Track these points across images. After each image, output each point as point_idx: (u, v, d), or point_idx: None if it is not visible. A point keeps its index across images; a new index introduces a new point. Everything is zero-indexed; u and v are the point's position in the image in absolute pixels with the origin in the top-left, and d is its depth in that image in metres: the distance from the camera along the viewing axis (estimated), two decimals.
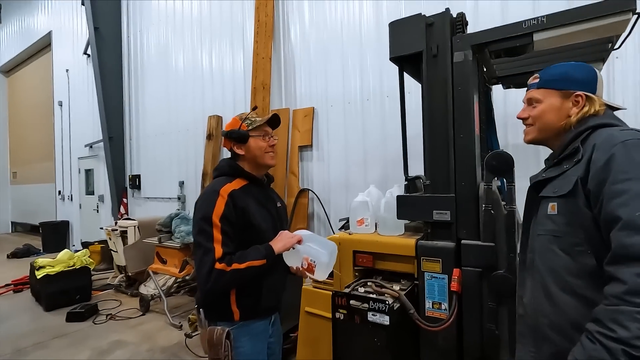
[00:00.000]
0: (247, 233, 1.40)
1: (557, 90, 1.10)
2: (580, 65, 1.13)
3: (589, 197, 0.92)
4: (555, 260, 0.99)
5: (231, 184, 1.43)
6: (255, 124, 1.48)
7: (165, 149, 5.82)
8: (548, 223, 1.02)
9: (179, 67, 5.61)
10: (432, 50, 1.74)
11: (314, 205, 4.00)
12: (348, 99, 3.74)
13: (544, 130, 1.13)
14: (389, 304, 1.58)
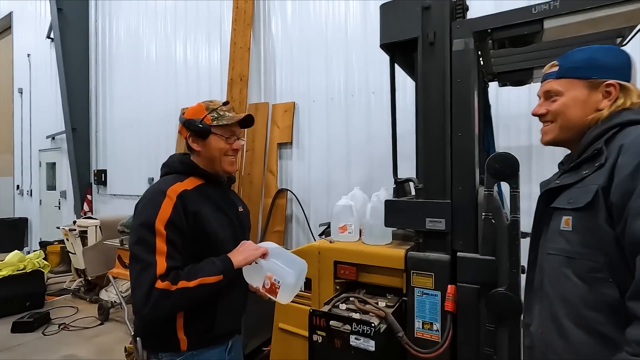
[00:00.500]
0: (200, 243, 1.17)
1: (582, 79, 0.91)
2: (609, 48, 0.94)
3: (611, 211, 0.76)
4: (569, 287, 0.82)
5: (182, 184, 1.20)
6: (222, 121, 1.24)
7: (134, 142, 5.42)
8: (560, 240, 0.86)
9: (151, 56, 5.24)
10: (429, 36, 1.54)
11: (293, 207, 3.76)
12: (331, 94, 3.52)
13: (567, 128, 0.94)
14: (374, 327, 1.36)
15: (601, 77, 0.89)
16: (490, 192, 1.40)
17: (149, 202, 1.15)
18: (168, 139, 4.94)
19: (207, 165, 1.27)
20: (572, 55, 0.96)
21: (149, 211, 1.12)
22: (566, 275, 0.82)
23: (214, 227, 1.20)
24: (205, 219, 1.18)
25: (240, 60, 3.82)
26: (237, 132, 1.30)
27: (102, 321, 3.64)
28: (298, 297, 1.89)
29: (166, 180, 1.22)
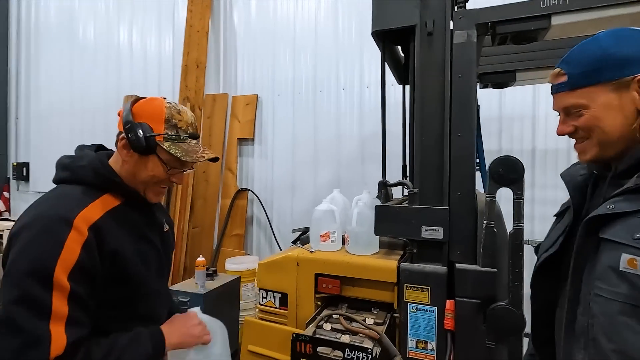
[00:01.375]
0: (118, 289, 0.87)
1: (604, 83, 0.74)
2: (617, 33, 0.76)
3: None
4: (634, 342, 0.67)
5: (94, 206, 0.86)
6: (177, 151, 0.92)
7: (65, 132, 4.71)
8: (621, 284, 0.69)
9: (88, 36, 4.57)
10: (427, 25, 1.39)
11: (254, 208, 3.47)
12: (299, 88, 3.30)
13: (608, 143, 0.77)
14: (371, 353, 1.18)
15: (627, 73, 0.72)
16: (493, 198, 1.29)
17: (42, 234, 0.78)
18: (108, 130, 4.34)
19: (128, 180, 0.95)
20: (579, 57, 0.78)
21: (44, 251, 0.76)
22: (630, 327, 0.67)
23: (137, 267, 0.91)
24: (126, 260, 0.88)
25: (197, 45, 3.44)
26: (188, 166, 0.99)
27: None
28: (271, 315, 1.66)
29: (70, 197, 0.86)
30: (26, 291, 0.74)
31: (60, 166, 0.96)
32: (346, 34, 3.11)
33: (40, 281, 0.75)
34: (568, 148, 2.49)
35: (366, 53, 3.04)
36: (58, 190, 0.90)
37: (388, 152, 2.97)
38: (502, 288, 1.29)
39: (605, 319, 0.70)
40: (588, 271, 0.77)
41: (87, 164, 0.92)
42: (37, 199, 0.90)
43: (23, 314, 0.73)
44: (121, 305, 0.91)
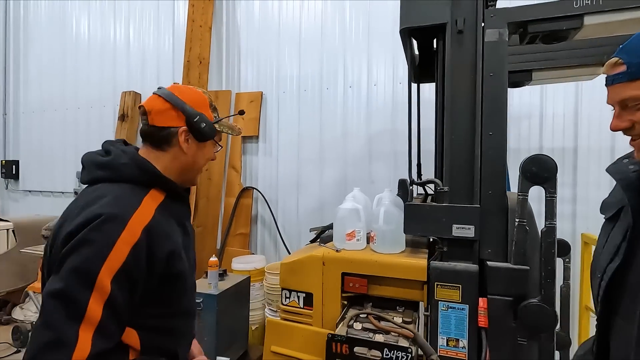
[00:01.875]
0: (164, 288, 0.84)
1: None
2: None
3: None
4: None
5: (145, 205, 0.84)
6: (223, 127, 1.02)
7: (57, 129, 4.56)
8: None
9: (81, 31, 4.42)
10: (458, 24, 1.39)
11: (259, 207, 3.43)
12: (304, 85, 3.27)
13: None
14: (410, 352, 1.18)
15: None
16: (525, 196, 1.30)
17: (95, 232, 0.75)
18: (104, 127, 4.24)
19: (178, 174, 0.96)
20: None
21: (93, 250, 0.74)
22: None
23: (184, 263, 0.89)
24: (179, 257, 0.87)
25: (199, 40, 3.37)
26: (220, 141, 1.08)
27: (19, 347, 2.95)
28: (295, 315, 1.64)
29: (121, 197, 0.82)
30: (67, 287, 0.72)
31: (96, 165, 0.90)
32: (353, 31, 3.10)
33: (83, 280, 0.72)
34: (575, 147, 2.54)
35: (373, 51, 3.04)
36: (105, 189, 0.85)
37: (395, 151, 3.00)
38: (534, 286, 1.30)
39: None
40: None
41: (129, 161, 0.88)
42: (82, 198, 0.86)
43: (57, 310, 0.70)
44: (168, 302, 0.88)
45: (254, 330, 2.82)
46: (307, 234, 3.19)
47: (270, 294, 2.71)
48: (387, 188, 1.80)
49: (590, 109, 2.49)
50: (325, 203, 3.19)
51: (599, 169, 2.45)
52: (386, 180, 2.91)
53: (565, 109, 2.55)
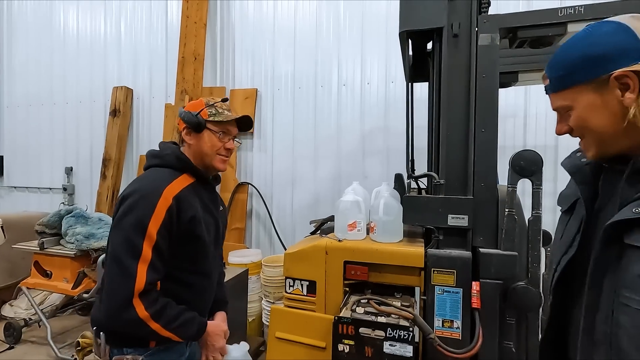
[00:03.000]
0: (186, 247, 1.17)
1: (584, 83, 0.71)
2: (591, 32, 0.73)
3: None
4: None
5: (178, 182, 1.18)
6: (218, 117, 1.24)
7: (44, 124, 4.49)
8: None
9: (70, 26, 4.35)
10: (454, 28, 1.49)
11: (253, 202, 3.49)
12: (299, 83, 3.34)
13: (602, 141, 0.74)
14: (412, 331, 1.28)
15: (603, 72, 0.68)
16: (514, 188, 1.42)
17: (142, 199, 1.10)
18: (94, 122, 4.19)
19: (197, 161, 1.26)
20: (558, 60, 0.77)
21: (143, 210, 1.08)
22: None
23: (203, 230, 1.20)
24: (199, 223, 1.18)
25: (194, 36, 3.39)
26: (233, 132, 1.31)
27: (12, 344, 2.93)
28: (299, 302, 1.72)
29: (161, 176, 1.18)
30: (129, 237, 1.06)
31: (151, 155, 1.27)
32: (347, 31, 3.19)
33: (139, 231, 1.06)
34: (555, 145, 2.71)
35: (367, 50, 3.13)
36: (152, 171, 1.22)
37: (388, 147, 3.11)
38: (521, 270, 1.42)
39: (637, 331, 0.66)
40: (610, 278, 0.72)
41: (170, 152, 1.25)
42: (137, 177, 1.24)
43: (124, 253, 1.05)
44: (189, 259, 1.20)
45: (250, 322, 2.89)
46: (302, 229, 3.28)
47: (267, 286, 2.78)
48: (384, 182, 1.90)
49: None
50: (319, 198, 3.28)
51: None
52: (379, 176, 3.02)
53: (547, 109, 2.71)
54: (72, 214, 2.88)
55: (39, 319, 2.90)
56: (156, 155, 1.26)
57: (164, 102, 3.80)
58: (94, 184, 4.14)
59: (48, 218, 2.88)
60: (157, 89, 3.89)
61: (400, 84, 3.03)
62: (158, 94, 3.89)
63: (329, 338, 1.52)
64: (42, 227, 2.88)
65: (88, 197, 4.16)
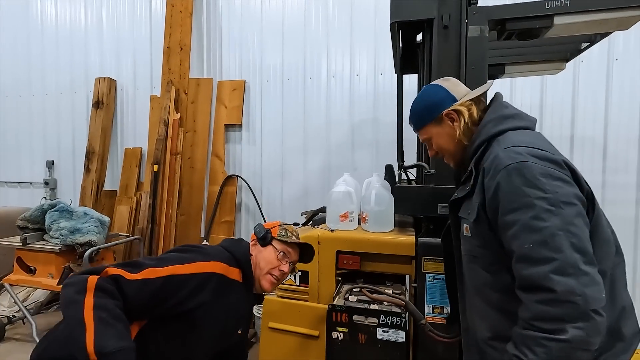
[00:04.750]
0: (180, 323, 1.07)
1: (430, 123, 1.10)
2: (424, 91, 1.14)
3: (490, 222, 0.91)
4: (478, 278, 0.99)
5: (228, 269, 1.18)
6: (286, 239, 1.31)
7: (23, 116, 4.33)
8: (466, 243, 1.03)
9: (47, 14, 4.18)
10: (444, 19, 1.51)
11: (242, 195, 3.47)
12: (288, 74, 3.31)
13: (451, 155, 1.12)
14: (404, 317, 1.31)
15: (438, 113, 1.07)
16: None
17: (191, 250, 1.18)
18: (76, 114, 4.07)
19: (253, 267, 1.28)
20: (413, 112, 1.15)
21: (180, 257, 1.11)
22: (474, 270, 0.99)
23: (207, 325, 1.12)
24: (206, 313, 1.09)
25: (180, 26, 3.32)
26: (293, 257, 1.34)
27: None
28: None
29: (221, 252, 1.22)
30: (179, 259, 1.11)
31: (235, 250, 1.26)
32: (336, 22, 3.17)
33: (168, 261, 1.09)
34: None
35: (356, 42, 3.13)
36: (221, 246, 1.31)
37: (377, 139, 3.13)
38: None
39: (466, 268, 1.05)
40: (460, 237, 1.07)
41: (244, 249, 1.31)
42: None
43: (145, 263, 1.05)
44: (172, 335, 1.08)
45: None
46: (292, 221, 3.26)
47: None
48: (375, 173, 1.92)
49: (553, 101, 2.72)
50: (309, 190, 3.28)
51: None
52: (368, 168, 3.04)
53: (532, 100, 2.77)
54: (55, 209, 2.81)
55: (23, 316, 2.83)
56: (232, 244, 1.32)
57: (149, 93, 3.71)
58: (77, 177, 4.03)
59: (30, 213, 2.80)
60: (142, 80, 3.79)
61: (389, 76, 3.04)
62: (143, 86, 3.79)
63: (322, 327, 1.55)
64: (25, 222, 2.80)
65: (71, 192, 4.06)
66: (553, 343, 0.74)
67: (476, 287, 1.00)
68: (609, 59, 2.62)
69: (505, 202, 0.84)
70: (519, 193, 0.82)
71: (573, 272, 0.75)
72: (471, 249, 1.00)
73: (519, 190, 0.82)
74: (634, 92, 2.57)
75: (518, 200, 0.82)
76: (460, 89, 1.08)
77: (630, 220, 2.59)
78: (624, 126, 2.56)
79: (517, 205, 0.82)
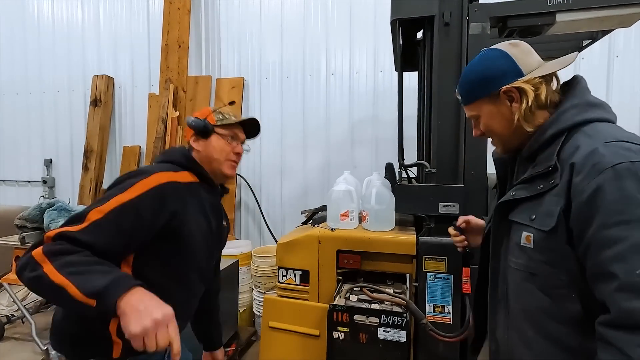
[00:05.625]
0: (161, 243, 1.01)
1: (482, 98, 0.90)
2: (483, 56, 0.91)
3: (571, 233, 0.74)
4: (533, 302, 0.82)
5: (174, 174, 1.08)
6: (226, 121, 1.20)
7: (21, 114, 4.29)
8: (522, 256, 0.83)
9: (44, 11, 4.14)
10: (445, 17, 1.50)
11: (242, 193, 3.46)
12: (287, 72, 3.29)
13: (504, 140, 0.93)
14: (406, 317, 1.31)
15: (493, 88, 0.86)
16: None
17: (128, 177, 1.02)
18: (73, 112, 4.04)
19: (206, 168, 1.19)
20: (463, 81, 0.96)
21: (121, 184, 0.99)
22: (529, 290, 0.82)
23: (190, 232, 1.06)
24: (183, 221, 1.04)
25: (178, 23, 3.29)
26: (241, 137, 1.25)
27: None
28: (292, 292, 1.73)
29: (158, 165, 1.11)
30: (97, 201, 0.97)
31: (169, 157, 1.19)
32: (335, 20, 3.15)
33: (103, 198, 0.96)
34: None
35: (355, 39, 3.11)
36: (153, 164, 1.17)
37: (377, 137, 3.12)
38: None
39: (515, 286, 0.86)
40: (505, 247, 0.90)
41: (176, 150, 1.21)
42: None
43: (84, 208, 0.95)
44: (166, 259, 1.04)
45: (241, 313, 2.89)
46: (291, 219, 3.28)
47: (257, 276, 2.78)
48: (375, 171, 1.91)
49: None
50: (308, 188, 3.27)
51: None
52: (368, 166, 3.03)
53: None
54: (54, 207, 2.79)
55: (22, 315, 2.82)
56: (161, 154, 1.23)
57: (147, 91, 3.69)
58: (75, 176, 4.02)
59: (29, 212, 2.78)
60: (140, 78, 3.77)
61: (389, 73, 3.03)
62: (141, 83, 3.77)
63: (322, 326, 1.55)
64: (23, 221, 2.78)
65: (70, 190, 4.04)
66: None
67: (529, 313, 0.83)
68: (609, 56, 2.61)
69: (609, 212, 0.67)
70: (632, 202, 0.66)
71: None
72: (530, 264, 0.81)
73: (633, 199, 0.66)
74: (634, 89, 2.56)
75: (630, 211, 0.66)
76: (530, 60, 0.86)
77: None
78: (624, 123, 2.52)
79: (628, 217, 0.66)
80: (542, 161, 0.82)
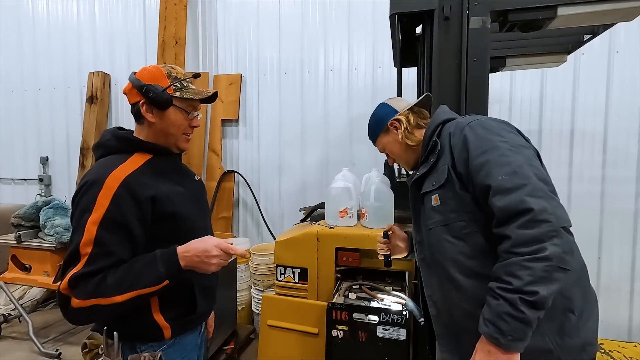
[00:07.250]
0: (162, 227, 1.02)
1: (381, 134, 1.24)
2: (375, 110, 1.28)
3: (461, 179, 0.97)
4: (451, 248, 1.00)
5: (125, 165, 1.01)
6: (187, 94, 1.07)
7: (17, 111, 4.26)
8: (435, 215, 1.04)
9: (39, 8, 4.09)
10: (445, 10, 1.47)
11: (240, 190, 3.44)
12: (285, 68, 3.26)
13: (404, 159, 1.24)
14: (405, 315, 1.29)
15: (382, 126, 1.23)
16: None
17: (83, 194, 0.96)
18: (69, 109, 4.01)
19: (157, 139, 1.10)
20: (369, 128, 1.29)
21: (82, 207, 0.95)
22: (447, 240, 1.00)
23: (176, 206, 1.04)
24: (165, 200, 1.02)
25: (174, 19, 3.25)
26: (198, 108, 1.15)
27: None
28: (290, 290, 1.72)
29: (104, 163, 1.03)
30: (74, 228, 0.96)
31: (95, 148, 1.11)
32: (334, 15, 3.12)
33: (78, 229, 0.94)
34: (539, 129, 2.76)
35: (354, 35, 3.08)
36: (97, 162, 1.06)
37: None
38: None
39: (436, 242, 1.04)
40: (423, 217, 1.10)
41: (109, 136, 1.08)
42: None
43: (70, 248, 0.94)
44: (171, 240, 1.01)
45: (240, 311, 2.88)
46: (290, 216, 3.26)
47: (256, 274, 2.77)
48: (374, 168, 1.89)
49: (553, 94, 2.70)
50: (307, 185, 3.25)
51: (559, 149, 2.69)
52: (367, 162, 3.01)
53: (532, 94, 2.74)
54: (50, 206, 2.77)
55: (19, 314, 2.80)
56: (97, 146, 1.10)
57: None
58: (71, 174, 3.99)
59: (24, 210, 2.76)
60: None
61: (388, 69, 3.00)
62: None
63: (321, 324, 1.53)
64: (19, 220, 2.76)
65: (66, 188, 4.01)
66: (536, 263, 0.77)
67: (452, 260, 1.00)
68: (610, 51, 2.59)
69: (473, 149, 0.94)
70: (484, 139, 0.94)
71: (543, 195, 0.82)
72: (442, 217, 1.01)
73: (484, 137, 0.95)
74: (634, 84, 2.54)
75: (484, 144, 0.93)
76: (400, 104, 1.24)
77: (629, 213, 2.58)
78: (624, 119, 2.54)
79: (485, 148, 0.92)
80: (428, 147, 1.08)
